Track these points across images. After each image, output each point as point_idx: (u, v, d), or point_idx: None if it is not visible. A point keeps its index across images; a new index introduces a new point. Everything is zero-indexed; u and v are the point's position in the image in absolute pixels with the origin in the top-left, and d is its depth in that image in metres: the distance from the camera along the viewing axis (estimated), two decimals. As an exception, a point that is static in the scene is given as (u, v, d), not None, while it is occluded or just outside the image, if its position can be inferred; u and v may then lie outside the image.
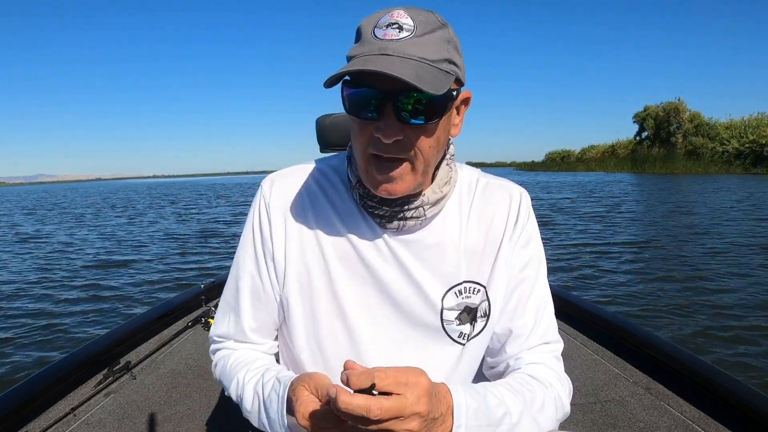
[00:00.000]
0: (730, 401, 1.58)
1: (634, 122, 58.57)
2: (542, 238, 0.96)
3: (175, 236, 13.20)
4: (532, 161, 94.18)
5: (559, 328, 0.95)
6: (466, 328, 0.90)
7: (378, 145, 0.75)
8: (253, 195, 0.95)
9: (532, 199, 0.96)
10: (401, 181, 0.78)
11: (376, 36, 0.73)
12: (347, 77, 0.74)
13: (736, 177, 36.30)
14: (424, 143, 0.77)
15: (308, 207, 0.90)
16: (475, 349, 0.92)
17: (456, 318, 0.89)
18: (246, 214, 0.96)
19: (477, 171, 0.97)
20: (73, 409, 1.77)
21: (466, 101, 0.86)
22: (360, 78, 0.73)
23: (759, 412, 1.45)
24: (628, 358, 2.06)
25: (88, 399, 1.85)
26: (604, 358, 2.14)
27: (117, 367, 2.02)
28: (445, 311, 0.88)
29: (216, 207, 24.85)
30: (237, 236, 0.90)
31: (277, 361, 1.00)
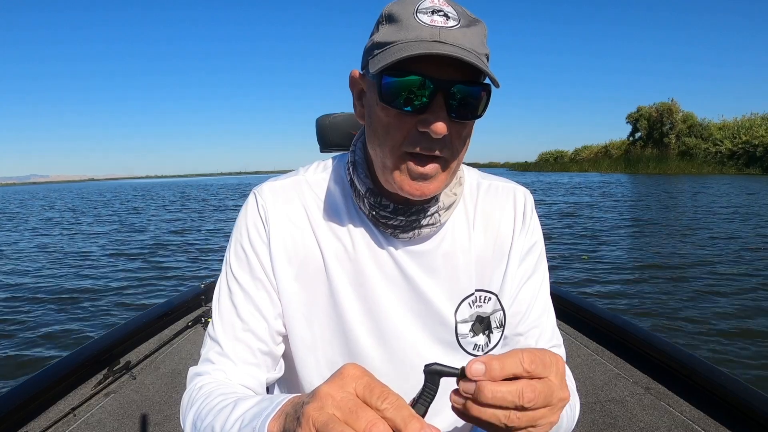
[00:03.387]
0: (730, 401, 1.59)
1: (627, 123, 58.96)
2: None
3: (170, 238, 13.15)
4: (525, 162, 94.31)
5: (559, 328, 0.94)
6: (480, 339, 0.85)
7: (419, 140, 0.68)
8: (243, 197, 0.84)
9: (541, 201, 0.93)
10: (435, 180, 0.71)
11: (421, 21, 0.65)
12: (388, 63, 0.65)
13: (730, 177, 36.46)
14: (461, 143, 0.72)
15: (309, 222, 0.82)
16: None
17: (470, 330, 0.84)
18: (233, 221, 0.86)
19: (476, 171, 0.93)
20: (73, 409, 1.75)
21: None
22: (405, 65, 0.65)
23: (759, 412, 1.45)
24: (628, 358, 2.07)
25: (88, 399, 1.84)
26: (604, 358, 2.14)
27: (117, 367, 2.01)
28: (459, 325, 0.83)
29: (210, 210, 24.78)
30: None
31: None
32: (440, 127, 0.65)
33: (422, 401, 0.48)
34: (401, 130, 0.68)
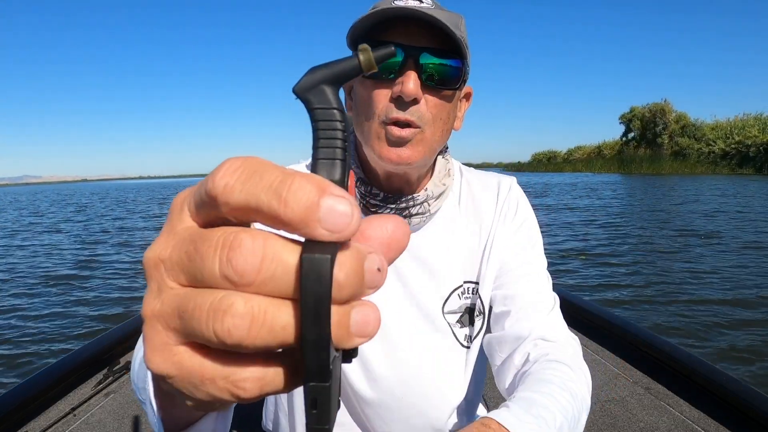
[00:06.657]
0: (730, 401, 1.60)
1: (620, 123, 59.17)
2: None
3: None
4: (519, 162, 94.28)
5: None
6: (468, 330, 0.87)
7: (396, 105, 0.72)
8: None
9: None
10: (412, 146, 0.74)
11: (396, 4, 0.71)
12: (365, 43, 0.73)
13: (724, 177, 36.55)
14: (437, 112, 0.75)
15: None
16: (480, 349, 0.89)
17: (457, 321, 0.86)
18: None
19: (464, 167, 0.96)
20: (73, 409, 1.75)
21: (467, 96, 0.86)
22: (380, 39, 0.72)
23: (759, 412, 1.46)
24: (628, 358, 2.07)
25: (88, 399, 1.83)
26: (604, 358, 2.15)
27: (117, 367, 2.00)
28: (447, 315, 0.85)
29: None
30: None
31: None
32: (410, 89, 0.70)
33: (324, 153, 0.25)
34: (380, 101, 0.73)
